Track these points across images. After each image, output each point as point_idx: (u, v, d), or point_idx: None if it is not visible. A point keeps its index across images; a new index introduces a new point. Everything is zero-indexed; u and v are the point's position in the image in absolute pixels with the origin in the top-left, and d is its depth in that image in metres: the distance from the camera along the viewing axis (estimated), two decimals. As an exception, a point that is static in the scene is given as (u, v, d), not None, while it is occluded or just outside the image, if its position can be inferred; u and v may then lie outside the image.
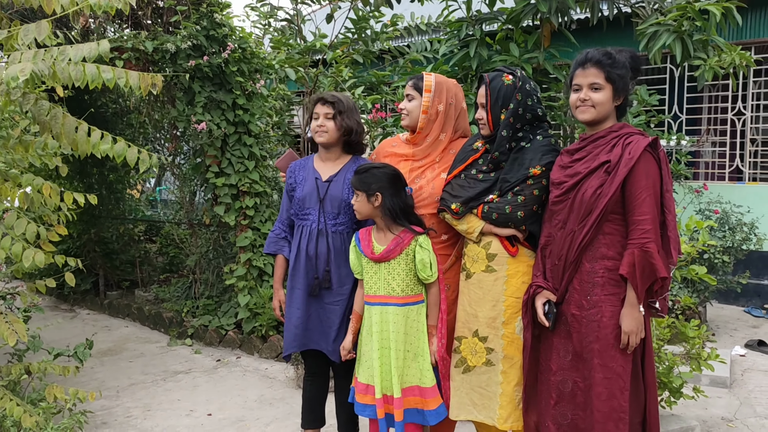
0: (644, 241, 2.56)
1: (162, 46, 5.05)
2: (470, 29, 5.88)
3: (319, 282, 3.18)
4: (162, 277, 7.55)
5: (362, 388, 3.01)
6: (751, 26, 7.09)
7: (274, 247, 3.36)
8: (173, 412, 4.36)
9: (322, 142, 3.24)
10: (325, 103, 3.20)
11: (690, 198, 6.94)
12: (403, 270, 2.97)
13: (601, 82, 2.69)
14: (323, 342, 3.21)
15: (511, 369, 2.93)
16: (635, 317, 2.60)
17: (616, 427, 2.62)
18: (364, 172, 2.98)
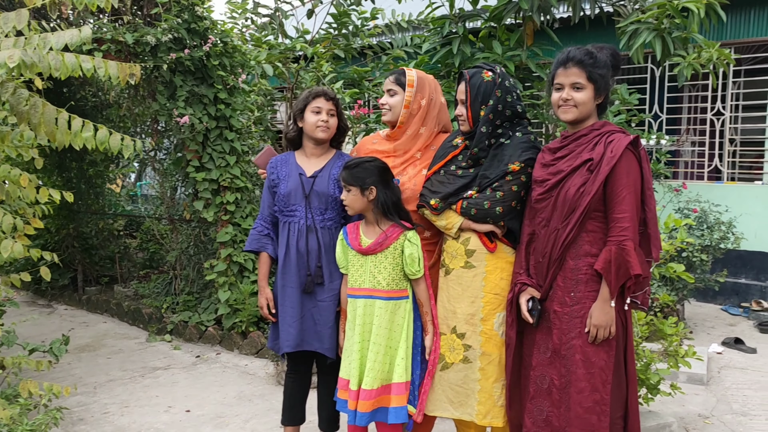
0: (622, 239, 2.58)
1: (142, 39, 5.00)
2: (453, 26, 5.88)
3: (312, 278, 3.15)
4: (142, 272, 7.48)
5: (344, 383, 3.01)
6: (732, 27, 7.16)
7: (257, 245, 3.30)
8: (151, 408, 4.32)
9: (324, 138, 3.21)
10: (329, 100, 3.18)
11: (669, 197, 7.00)
12: (390, 264, 2.97)
13: (582, 81, 2.69)
14: (317, 342, 3.17)
15: (489, 365, 2.94)
16: (606, 312, 2.62)
17: (599, 420, 2.63)
18: (355, 167, 2.97)
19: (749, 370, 5.13)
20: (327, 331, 3.16)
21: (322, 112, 3.16)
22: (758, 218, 7.07)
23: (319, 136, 3.18)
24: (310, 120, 3.17)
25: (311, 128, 3.18)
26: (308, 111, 3.18)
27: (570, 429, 2.67)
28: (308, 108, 3.17)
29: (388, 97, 3.19)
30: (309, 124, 3.18)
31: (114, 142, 2.79)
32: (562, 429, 2.70)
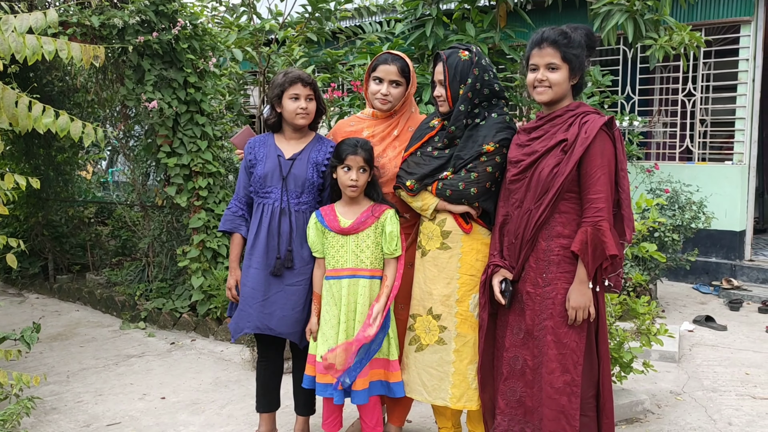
0: (597, 219, 2.59)
1: (109, 22, 4.89)
2: (426, 8, 5.85)
3: (281, 262, 3.13)
4: (114, 260, 7.38)
5: (323, 368, 3.00)
6: (702, 8, 7.22)
7: (231, 225, 3.27)
8: (125, 396, 4.28)
9: (304, 125, 3.18)
10: (306, 85, 3.12)
11: (642, 177, 7.07)
12: (372, 243, 2.99)
13: (557, 62, 2.69)
14: (281, 326, 3.14)
15: (464, 347, 2.95)
16: (584, 293, 2.63)
17: (569, 401, 2.66)
18: (371, 149, 3.01)
19: (719, 347, 5.22)
20: (294, 315, 3.13)
21: (300, 99, 3.12)
22: (728, 198, 7.18)
23: (300, 123, 3.15)
24: (290, 107, 3.12)
25: (291, 116, 3.14)
26: (286, 98, 3.13)
27: (542, 409, 2.69)
28: (286, 94, 3.12)
29: (391, 88, 3.13)
30: (288, 111, 3.13)
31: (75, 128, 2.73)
32: (535, 409, 2.72)
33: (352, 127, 3.27)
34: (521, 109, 6.43)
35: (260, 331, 3.16)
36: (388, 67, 3.12)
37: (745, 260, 7.28)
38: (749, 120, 7.16)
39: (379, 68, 3.14)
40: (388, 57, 3.16)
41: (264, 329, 3.14)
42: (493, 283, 2.84)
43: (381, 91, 3.13)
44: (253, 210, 3.22)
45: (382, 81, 3.13)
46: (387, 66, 3.12)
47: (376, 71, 3.15)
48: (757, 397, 4.19)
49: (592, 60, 2.79)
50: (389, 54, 3.18)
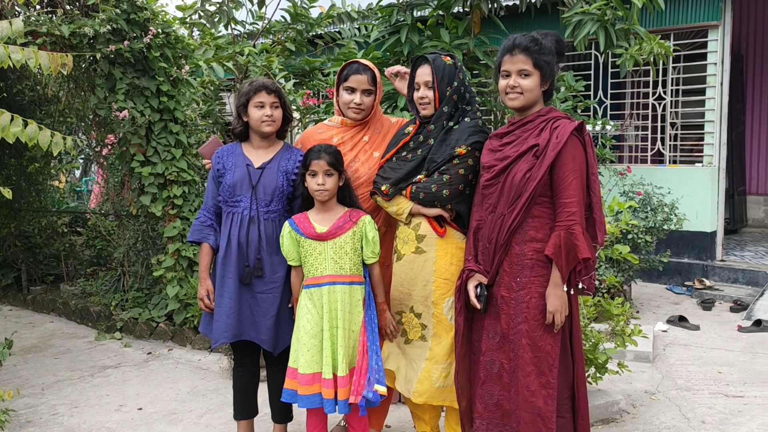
0: (570, 224, 2.62)
1: (79, 30, 4.85)
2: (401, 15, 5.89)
3: (250, 270, 3.13)
4: (89, 270, 7.29)
5: (308, 379, 2.98)
6: (671, 13, 7.34)
7: (199, 235, 3.26)
8: (102, 407, 4.24)
9: (270, 132, 3.18)
10: (271, 93, 3.13)
11: (615, 180, 7.17)
12: (351, 248, 3.00)
13: (529, 68, 2.73)
14: (254, 332, 3.15)
15: (437, 347, 2.99)
16: (560, 296, 2.66)
17: (545, 403, 2.68)
18: (336, 152, 3.01)
19: (692, 346, 5.30)
20: (266, 322, 3.14)
21: (265, 107, 3.12)
22: (699, 199, 7.29)
23: (266, 131, 3.16)
24: (255, 115, 3.13)
25: (257, 123, 3.14)
26: (251, 106, 3.13)
27: (519, 412, 2.71)
28: (251, 103, 3.13)
29: (364, 97, 3.17)
30: (254, 119, 3.14)
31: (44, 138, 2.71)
32: (513, 412, 2.75)
33: (321, 135, 3.29)
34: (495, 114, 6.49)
35: (237, 338, 3.16)
36: (360, 77, 3.15)
37: (716, 260, 7.40)
38: (718, 123, 7.29)
39: (352, 78, 3.16)
40: (360, 67, 3.18)
41: (240, 336, 3.15)
42: (468, 288, 2.86)
43: (354, 101, 3.16)
44: (223, 219, 3.22)
45: (354, 90, 3.16)
46: (359, 76, 3.15)
47: (349, 81, 3.17)
48: (730, 395, 4.26)
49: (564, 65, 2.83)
50: (359, 64, 3.20)
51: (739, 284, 7.08)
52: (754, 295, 6.51)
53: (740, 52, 9.40)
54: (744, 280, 7.08)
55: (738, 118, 9.07)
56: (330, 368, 2.96)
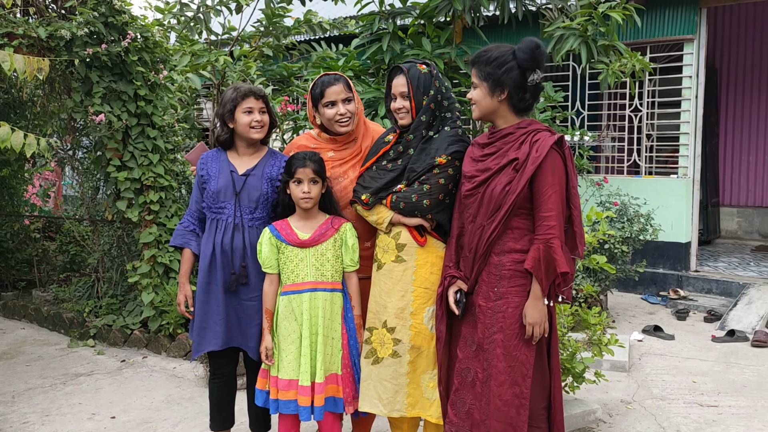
0: (549, 237, 2.63)
1: (56, 33, 4.79)
2: (383, 23, 5.89)
3: (236, 277, 3.10)
4: (62, 276, 7.18)
5: (285, 384, 2.97)
6: (648, 27, 7.44)
7: (181, 240, 3.24)
8: (74, 416, 4.16)
9: (259, 138, 3.15)
10: (259, 98, 3.11)
11: (592, 191, 7.23)
12: (333, 255, 3.01)
13: (476, 80, 2.77)
14: (242, 339, 3.13)
15: (418, 358, 2.97)
16: (539, 309, 2.67)
17: (517, 413, 2.68)
18: (320, 160, 3.00)
19: (668, 356, 5.35)
20: (253, 330, 3.12)
21: (254, 112, 3.10)
22: (674, 210, 7.38)
23: (255, 137, 3.13)
24: (243, 121, 3.09)
25: (245, 129, 3.11)
26: (239, 112, 3.10)
27: (490, 422, 2.70)
28: (238, 109, 3.10)
29: (346, 106, 3.10)
30: (242, 125, 3.10)
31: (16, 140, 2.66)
32: (482, 422, 2.73)
33: (313, 148, 3.23)
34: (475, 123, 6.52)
35: (226, 345, 3.13)
36: (335, 87, 3.08)
37: (690, 271, 7.49)
38: (693, 135, 7.39)
39: (327, 92, 3.09)
40: (330, 78, 3.12)
41: (229, 343, 3.13)
42: (448, 294, 2.86)
43: (338, 112, 3.09)
44: (206, 226, 3.19)
45: (334, 103, 3.09)
46: (333, 87, 3.08)
47: (326, 96, 3.09)
48: (704, 404, 4.30)
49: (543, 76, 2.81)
50: (328, 76, 3.15)
51: (713, 294, 7.17)
52: (728, 306, 6.60)
53: (714, 66, 9.56)
54: (717, 291, 7.17)
55: (712, 130, 9.21)
56: (308, 375, 2.95)
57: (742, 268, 7.79)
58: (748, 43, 9.57)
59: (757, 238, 9.76)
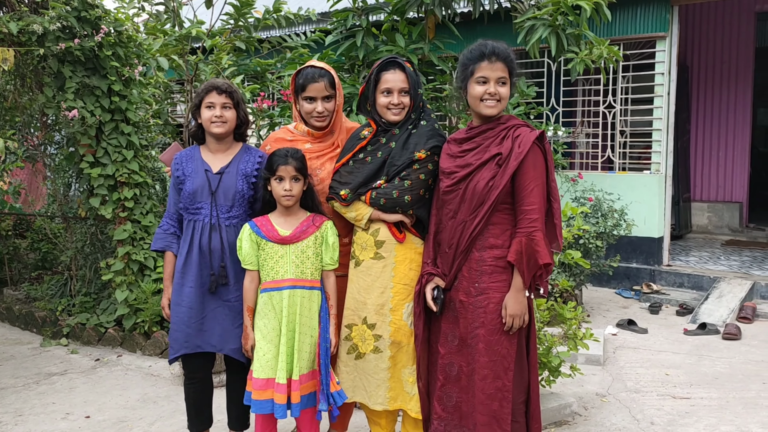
0: (531, 230, 2.66)
1: (28, 28, 4.71)
2: (356, 19, 5.88)
3: (215, 278, 3.07)
4: (34, 274, 7.07)
5: (261, 384, 2.95)
6: (620, 24, 7.52)
7: (162, 243, 3.20)
8: (47, 416, 4.11)
9: (221, 134, 3.11)
10: (222, 93, 3.07)
11: (567, 186, 7.29)
12: (313, 253, 2.99)
13: (506, 76, 2.76)
14: (226, 342, 3.10)
15: (399, 353, 2.99)
16: (520, 301, 2.70)
17: (500, 406, 2.71)
18: (302, 157, 2.98)
19: (641, 349, 5.43)
20: (235, 331, 3.10)
21: (215, 107, 3.06)
22: (647, 206, 7.48)
23: (215, 132, 3.10)
24: (205, 116, 3.08)
25: (207, 124, 3.09)
26: (203, 107, 3.09)
27: (475, 414, 2.74)
28: (203, 103, 3.09)
29: (325, 104, 3.10)
30: (205, 120, 3.09)
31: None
32: (470, 414, 2.77)
33: (292, 143, 3.21)
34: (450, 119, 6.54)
35: (201, 349, 3.10)
36: (318, 85, 3.08)
37: (663, 265, 7.60)
38: (665, 131, 7.49)
39: (309, 88, 3.09)
40: (315, 73, 3.10)
41: (205, 347, 3.10)
42: (425, 291, 2.88)
43: (316, 109, 3.09)
44: (184, 227, 3.16)
45: (314, 99, 3.09)
46: (316, 84, 3.08)
47: (307, 91, 3.09)
48: (677, 396, 4.37)
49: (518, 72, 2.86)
50: (314, 68, 3.13)
51: (685, 288, 7.29)
52: (699, 299, 6.71)
53: (686, 63, 9.70)
54: (689, 285, 7.29)
55: (683, 127, 9.34)
56: (284, 373, 2.93)
57: (712, 262, 7.92)
58: (718, 41, 9.72)
59: (727, 233, 9.93)
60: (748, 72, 9.63)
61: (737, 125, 9.77)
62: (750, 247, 8.98)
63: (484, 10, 5.98)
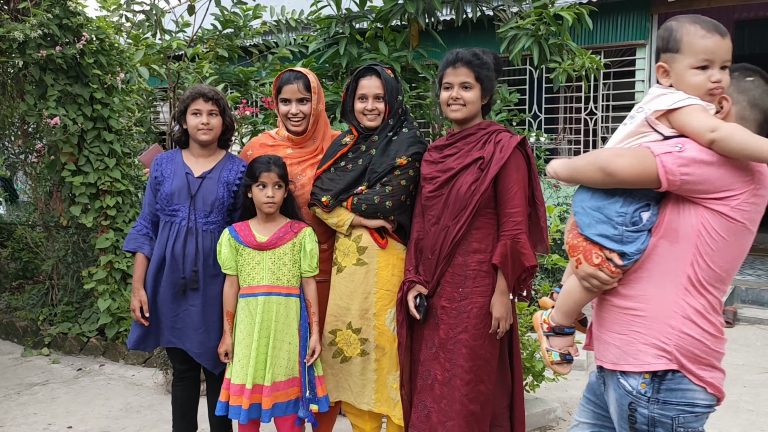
0: (516, 233, 2.69)
1: (8, 35, 4.67)
2: (340, 27, 5.90)
3: (185, 282, 3.06)
4: (15, 283, 6.99)
5: (237, 389, 2.94)
6: (601, 32, 7.61)
7: (134, 245, 3.18)
8: (29, 427, 4.06)
9: (206, 141, 3.11)
10: (208, 100, 3.07)
11: (549, 192, 7.35)
12: (290, 260, 2.97)
13: (471, 81, 2.78)
14: (193, 346, 3.09)
15: (383, 358, 3.00)
16: (505, 304, 2.72)
17: (481, 409, 2.73)
18: (284, 164, 2.98)
19: (624, 353, 5.45)
20: (197, 337, 3.08)
21: (201, 114, 3.06)
22: (629, 211, 7.53)
23: (201, 139, 3.10)
24: (191, 123, 3.08)
25: (193, 131, 3.09)
26: (189, 113, 3.09)
27: (450, 423, 2.72)
28: (188, 110, 3.08)
29: (300, 106, 3.11)
30: (191, 127, 3.09)
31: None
32: (442, 424, 2.75)
33: (273, 149, 3.23)
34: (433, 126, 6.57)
35: (172, 345, 3.11)
36: (292, 86, 3.10)
37: (645, 270, 7.64)
38: (646, 137, 7.56)
39: (284, 89, 3.12)
40: (291, 76, 3.13)
41: (177, 344, 3.11)
42: (408, 299, 2.88)
43: (291, 111, 3.11)
44: (160, 228, 3.14)
45: (289, 101, 3.11)
46: (291, 85, 3.10)
47: (282, 93, 3.13)
48: (659, 400, 4.40)
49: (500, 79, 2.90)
50: (291, 72, 3.16)
51: (666, 293, 7.34)
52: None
53: (666, 70, 9.81)
54: (671, 289, 7.34)
55: (664, 133, 9.44)
56: (252, 378, 2.90)
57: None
58: (698, 49, 9.84)
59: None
60: (728, 79, 9.75)
61: (717, 131, 9.88)
62: (730, 251, 9.07)
63: (468, 18, 6.02)
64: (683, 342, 1.84)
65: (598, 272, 1.92)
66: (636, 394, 1.88)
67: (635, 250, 1.89)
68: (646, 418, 1.87)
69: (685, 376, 1.84)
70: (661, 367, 1.84)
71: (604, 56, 7.55)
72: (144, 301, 3.14)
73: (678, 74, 1.91)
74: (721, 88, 1.88)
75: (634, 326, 1.91)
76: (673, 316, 1.85)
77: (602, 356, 2.01)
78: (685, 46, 1.89)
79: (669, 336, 1.85)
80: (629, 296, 1.93)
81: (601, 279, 1.93)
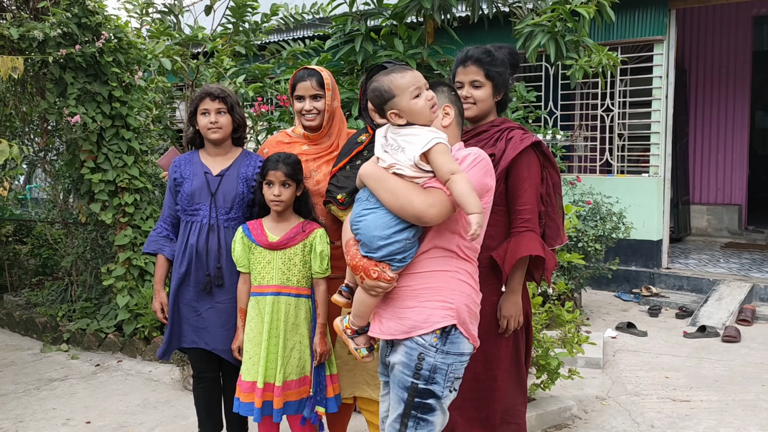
0: (523, 230, 2.68)
1: (29, 34, 4.73)
2: (355, 24, 5.90)
3: (210, 279, 3.09)
4: (34, 280, 7.08)
5: (247, 386, 2.96)
6: (618, 27, 7.55)
7: (154, 246, 3.22)
8: (48, 422, 4.12)
9: (218, 139, 3.13)
10: (215, 99, 3.09)
11: (565, 190, 7.30)
12: (300, 261, 2.96)
13: (480, 79, 2.77)
14: (217, 343, 3.12)
15: None
16: (514, 302, 2.71)
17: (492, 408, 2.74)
18: (294, 162, 2.97)
19: (641, 352, 5.43)
20: (224, 333, 3.11)
21: (210, 114, 3.09)
22: (645, 209, 7.50)
23: (212, 138, 3.12)
24: (201, 123, 3.11)
25: (204, 131, 3.13)
26: (198, 114, 3.12)
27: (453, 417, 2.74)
28: (198, 110, 3.11)
29: (314, 102, 3.10)
30: (201, 127, 3.12)
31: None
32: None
33: (289, 146, 3.23)
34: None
35: (195, 345, 3.13)
36: (305, 83, 3.10)
37: (662, 268, 7.61)
38: (663, 134, 7.51)
39: (298, 86, 3.12)
40: (305, 73, 3.14)
41: (200, 343, 3.13)
42: None
43: (304, 107, 3.11)
44: (181, 228, 3.18)
45: (303, 98, 3.12)
46: (304, 82, 3.10)
47: (296, 90, 3.14)
48: (677, 399, 4.38)
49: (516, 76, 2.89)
50: (306, 69, 3.17)
51: (684, 291, 7.30)
52: (699, 302, 6.72)
53: (684, 67, 9.73)
54: (689, 287, 7.30)
55: (682, 129, 9.37)
56: (262, 377, 2.92)
57: (712, 265, 7.94)
58: (716, 44, 9.76)
59: (726, 236, 9.94)
60: (746, 75, 9.66)
61: (735, 128, 9.80)
62: (749, 249, 8.99)
63: (483, 14, 6.00)
64: (462, 299, 2.31)
65: (379, 283, 2.29)
66: (428, 346, 2.26)
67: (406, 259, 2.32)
68: (430, 365, 2.27)
69: (461, 333, 2.29)
70: (448, 322, 2.27)
71: (621, 52, 7.49)
72: (164, 303, 3.20)
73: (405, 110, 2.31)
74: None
75: (424, 296, 2.30)
76: (451, 282, 2.31)
77: (396, 330, 2.32)
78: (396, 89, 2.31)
79: (452, 296, 2.29)
80: (413, 279, 2.33)
81: (382, 287, 2.31)
